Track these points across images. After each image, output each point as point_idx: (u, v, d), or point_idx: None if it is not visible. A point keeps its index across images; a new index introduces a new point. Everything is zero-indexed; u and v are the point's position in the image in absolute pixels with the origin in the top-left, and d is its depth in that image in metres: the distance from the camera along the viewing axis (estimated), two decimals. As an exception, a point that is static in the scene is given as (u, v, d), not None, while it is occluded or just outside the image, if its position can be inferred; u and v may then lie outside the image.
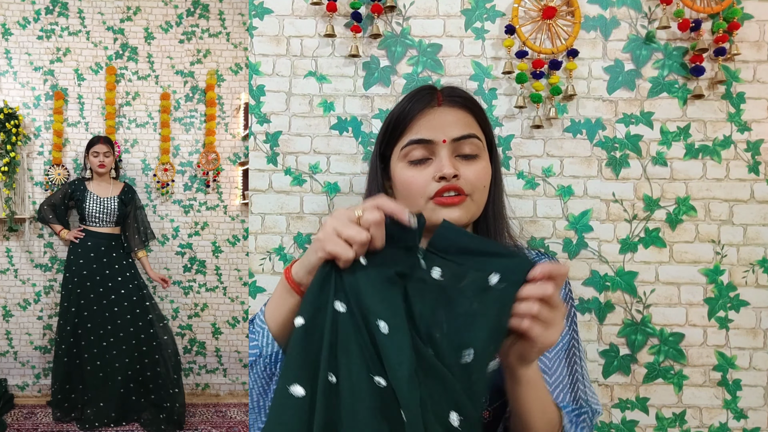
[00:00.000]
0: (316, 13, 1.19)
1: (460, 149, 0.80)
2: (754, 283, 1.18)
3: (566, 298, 0.89)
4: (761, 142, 1.18)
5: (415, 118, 0.81)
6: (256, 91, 1.20)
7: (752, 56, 1.18)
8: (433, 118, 0.80)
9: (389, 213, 0.59)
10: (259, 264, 1.20)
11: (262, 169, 1.20)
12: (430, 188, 0.79)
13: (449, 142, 0.79)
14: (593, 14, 1.18)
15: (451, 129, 0.79)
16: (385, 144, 0.85)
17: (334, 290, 0.58)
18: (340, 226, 0.58)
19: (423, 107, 0.81)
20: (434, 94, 0.82)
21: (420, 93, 0.83)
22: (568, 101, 1.18)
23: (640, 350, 1.19)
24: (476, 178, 0.80)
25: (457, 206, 0.78)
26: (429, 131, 0.80)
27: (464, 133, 0.80)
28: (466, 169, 0.79)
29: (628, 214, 1.19)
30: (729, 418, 1.18)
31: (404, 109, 0.82)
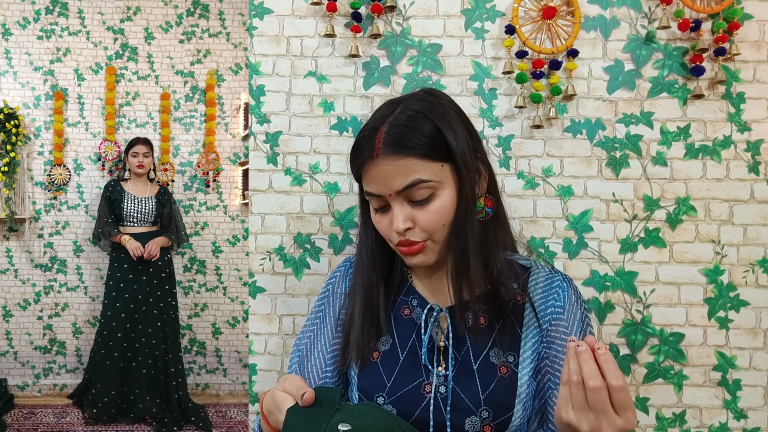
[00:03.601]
0: (316, 13, 1.19)
1: (411, 196, 0.77)
2: (754, 283, 1.18)
3: (577, 306, 0.85)
4: (761, 142, 1.18)
5: (362, 170, 0.79)
6: (256, 91, 1.20)
7: (752, 56, 1.18)
8: (373, 172, 0.77)
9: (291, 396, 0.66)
10: (259, 264, 1.20)
11: (262, 169, 1.20)
12: (392, 237, 0.80)
13: (395, 194, 0.77)
14: (593, 14, 1.18)
15: (392, 181, 0.76)
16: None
17: None
18: None
19: (364, 160, 0.78)
20: (373, 142, 0.77)
21: (365, 138, 0.79)
22: (568, 101, 1.18)
23: (640, 350, 1.19)
24: (431, 222, 0.77)
25: (416, 255, 0.80)
26: (375, 186, 0.78)
27: (406, 183, 0.76)
28: (420, 215, 0.77)
29: (628, 214, 1.19)
30: (729, 418, 1.18)
31: (353, 154, 0.80)
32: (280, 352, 1.20)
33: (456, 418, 0.79)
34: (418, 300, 0.87)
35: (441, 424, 0.79)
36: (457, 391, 0.80)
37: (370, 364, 0.84)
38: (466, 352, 0.82)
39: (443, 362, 0.82)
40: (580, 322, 0.84)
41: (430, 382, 0.81)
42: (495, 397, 0.79)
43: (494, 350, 0.82)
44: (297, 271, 1.20)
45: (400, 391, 0.81)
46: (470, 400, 0.79)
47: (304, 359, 0.91)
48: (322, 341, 0.90)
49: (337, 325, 0.90)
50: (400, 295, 0.89)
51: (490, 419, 0.78)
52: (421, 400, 0.80)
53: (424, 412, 0.79)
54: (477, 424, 0.78)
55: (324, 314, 0.93)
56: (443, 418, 0.79)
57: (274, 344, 1.20)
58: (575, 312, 0.84)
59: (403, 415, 0.80)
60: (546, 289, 0.86)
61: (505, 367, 0.81)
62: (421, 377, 0.81)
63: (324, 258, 1.20)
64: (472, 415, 0.79)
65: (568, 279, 0.88)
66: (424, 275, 0.89)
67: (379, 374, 0.83)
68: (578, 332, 0.83)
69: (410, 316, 0.87)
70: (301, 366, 0.91)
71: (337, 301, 0.92)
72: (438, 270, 0.87)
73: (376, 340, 0.86)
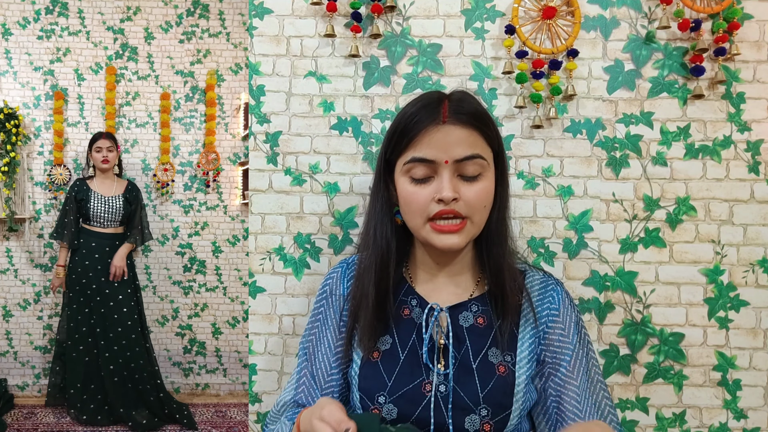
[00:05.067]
0: (316, 13, 1.19)
1: (463, 169, 0.78)
2: (754, 283, 1.18)
3: (571, 309, 0.88)
4: (761, 142, 1.18)
5: (419, 135, 0.79)
6: (256, 91, 1.20)
7: (752, 56, 1.18)
8: (436, 136, 0.78)
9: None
10: (259, 264, 1.20)
11: (262, 169, 1.20)
12: (430, 209, 0.78)
13: (451, 162, 0.78)
14: (593, 14, 1.18)
15: (454, 149, 0.77)
16: (390, 151, 0.84)
17: None
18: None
19: (427, 124, 0.78)
20: (440, 109, 0.79)
21: (426, 106, 0.80)
22: (568, 101, 1.18)
23: (640, 350, 1.19)
24: (476, 199, 0.78)
25: (454, 233, 0.79)
26: (431, 150, 0.78)
27: (467, 154, 0.78)
28: (467, 190, 0.78)
29: (628, 214, 1.19)
30: (729, 418, 1.18)
31: (409, 122, 0.80)
32: (280, 352, 1.20)
33: (456, 416, 0.79)
34: (418, 300, 0.88)
35: (442, 422, 0.79)
36: (456, 389, 0.80)
37: (371, 364, 0.84)
38: (466, 351, 0.83)
39: (443, 360, 0.83)
40: (575, 325, 0.86)
41: (431, 381, 0.81)
42: (494, 395, 0.80)
43: (492, 350, 0.83)
44: (297, 271, 1.20)
45: (401, 390, 0.81)
46: (470, 399, 0.80)
47: (311, 364, 0.91)
48: (326, 344, 0.90)
49: (340, 327, 0.90)
50: (399, 296, 0.89)
51: (489, 417, 0.79)
52: (422, 399, 0.80)
53: (424, 411, 0.80)
54: (476, 422, 0.79)
55: (324, 316, 0.93)
56: (444, 416, 0.79)
57: (274, 344, 1.20)
58: (570, 315, 0.87)
59: (404, 415, 0.80)
60: (541, 291, 0.88)
61: (503, 366, 0.82)
62: (421, 376, 0.82)
63: (324, 258, 1.20)
64: (472, 413, 0.79)
65: (561, 283, 0.91)
66: (426, 277, 0.89)
67: (379, 374, 0.83)
68: (575, 335, 0.85)
69: (410, 316, 0.87)
70: (308, 369, 0.91)
71: (336, 302, 0.92)
72: (439, 271, 0.88)
73: (384, 329, 0.86)
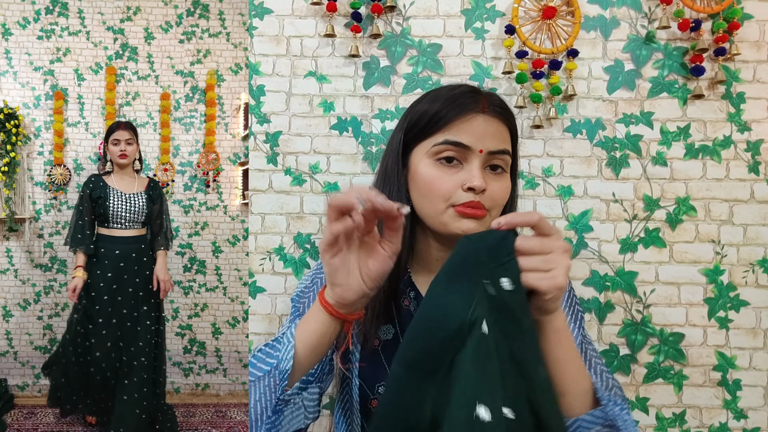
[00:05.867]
0: (316, 13, 1.19)
1: (491, 162, 0.79)
2: (754, 283, 1.18)
3: (571, 302, 0.88)
4: (761, 142, 1.18)
5: (457, 120, 0.79)
6: (256, 91, 1.20)
7: (752, 56, 1.18)
8: (475, 124, 0.78)
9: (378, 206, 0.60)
10: (259, 264, 1.20)
11: (262, 169, 1.20)
12: (456, 196, 0.78)
13: (485, 153, 0.78)
14: (593, 14, 1.18)
15: (490, 141, 0.78)
16: (413, 135, 0.83)
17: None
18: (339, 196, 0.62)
19: (467, 111, 0.79)
20: (479, 99, 0.80)
21: (465, 95, 0.80)
22: (568, 101, 1.18)
23: (640, 350, 1.18)
24: (500, 195, 0.79)
25: (478, 220, 0.78)
26: (468, 137, 0.78)
27: (500, 148, 0.79)
28: (493, 184, 0.78)
29: (628, 214, 1.19)
30: (729, 418, 1.18)
31: (448, 105, 0.80)
32: (280, 352, 1.20)
33: None
34: (415, 292, 0.88)
35: None
36: None
37: (372, 351, 0.84)
38: None
39: None
40: (569, 307, 0.86)
41: None
42: None
43: None
44: (297, 271, 1.20)
45: None
46: None
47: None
48: None
49: None
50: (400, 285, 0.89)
51: None
52: None
53: None
54: None
55: (309, 303, 0.90)
56: None
57: (274, 344, 1.20)
58: (571, 307, 0.86)
59: None
60: None
61: None
62: None
63: (324, 258, 1.20)
64: None
65: None
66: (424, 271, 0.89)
67: (380, 362, 0.83)
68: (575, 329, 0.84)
69: (409, 307, 0.87)
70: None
71: None
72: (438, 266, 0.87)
73: (387, 318, 0.85)
